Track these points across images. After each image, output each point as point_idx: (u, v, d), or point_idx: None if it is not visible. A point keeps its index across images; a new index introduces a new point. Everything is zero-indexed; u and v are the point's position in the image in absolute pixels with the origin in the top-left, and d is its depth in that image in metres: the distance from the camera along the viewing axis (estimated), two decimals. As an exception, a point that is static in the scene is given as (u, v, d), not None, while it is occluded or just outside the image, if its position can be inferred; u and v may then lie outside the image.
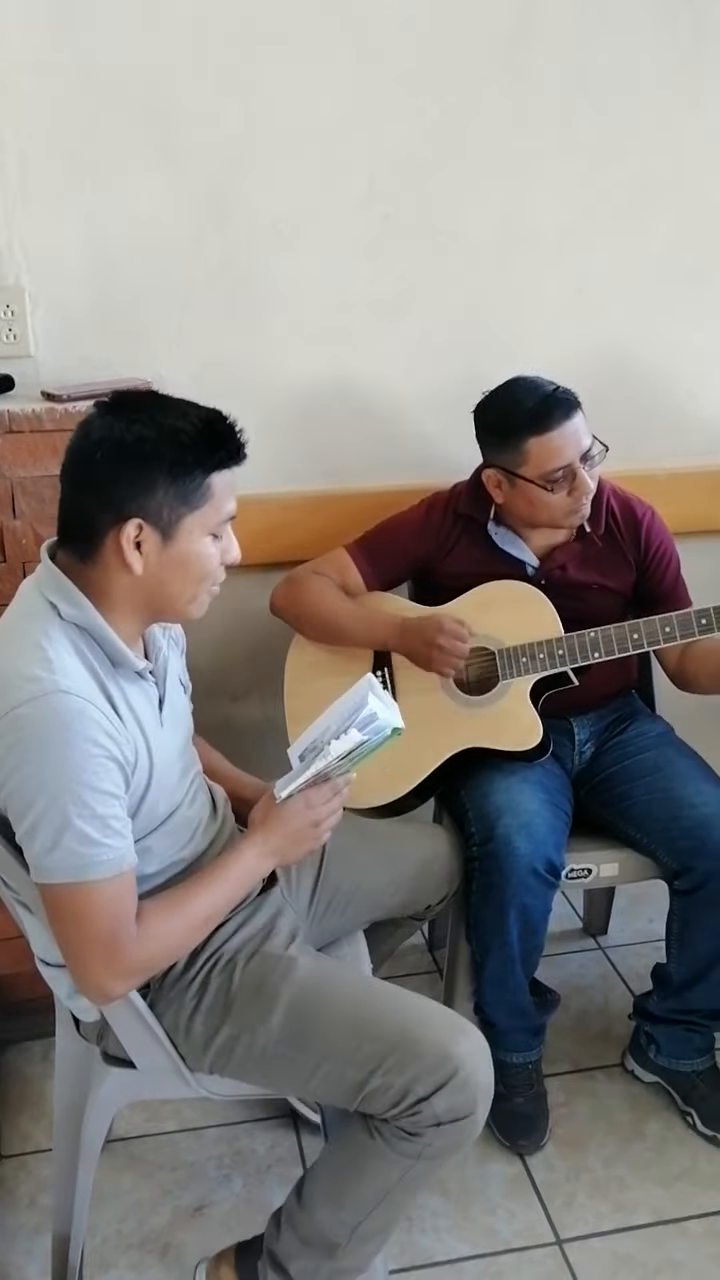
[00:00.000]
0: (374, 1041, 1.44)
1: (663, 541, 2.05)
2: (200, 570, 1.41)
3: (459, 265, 2.17)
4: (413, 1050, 1.43)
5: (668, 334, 2.31)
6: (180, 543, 1.38)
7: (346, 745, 1.42)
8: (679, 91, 2.14)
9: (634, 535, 2.03)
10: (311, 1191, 1.53)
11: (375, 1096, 1.43)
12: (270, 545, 2.16)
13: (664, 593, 2.05)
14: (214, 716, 1.76)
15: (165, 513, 1.36)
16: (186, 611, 1.45)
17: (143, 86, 1.94)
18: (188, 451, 1.35)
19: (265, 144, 2.02)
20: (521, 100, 2.09)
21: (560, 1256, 1.80)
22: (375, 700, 1.44)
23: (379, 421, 2.24)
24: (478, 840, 1.87)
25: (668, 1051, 2.05)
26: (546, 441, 1.86)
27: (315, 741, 1.48)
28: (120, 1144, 1.99)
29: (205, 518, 1.38)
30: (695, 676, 2.03)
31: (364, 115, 2.04)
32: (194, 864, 1.55)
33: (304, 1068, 1.47)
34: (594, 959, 2.47)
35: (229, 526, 1.44)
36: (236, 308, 2.10)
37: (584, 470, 1.88)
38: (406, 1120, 1.43)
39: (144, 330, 2.08)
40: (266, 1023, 1.47)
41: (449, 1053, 1.42)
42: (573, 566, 2.00)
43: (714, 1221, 1.85)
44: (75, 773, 1.30)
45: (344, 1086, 1.45)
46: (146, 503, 1.35)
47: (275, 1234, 1.56)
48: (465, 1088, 1.42)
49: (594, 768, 2.09)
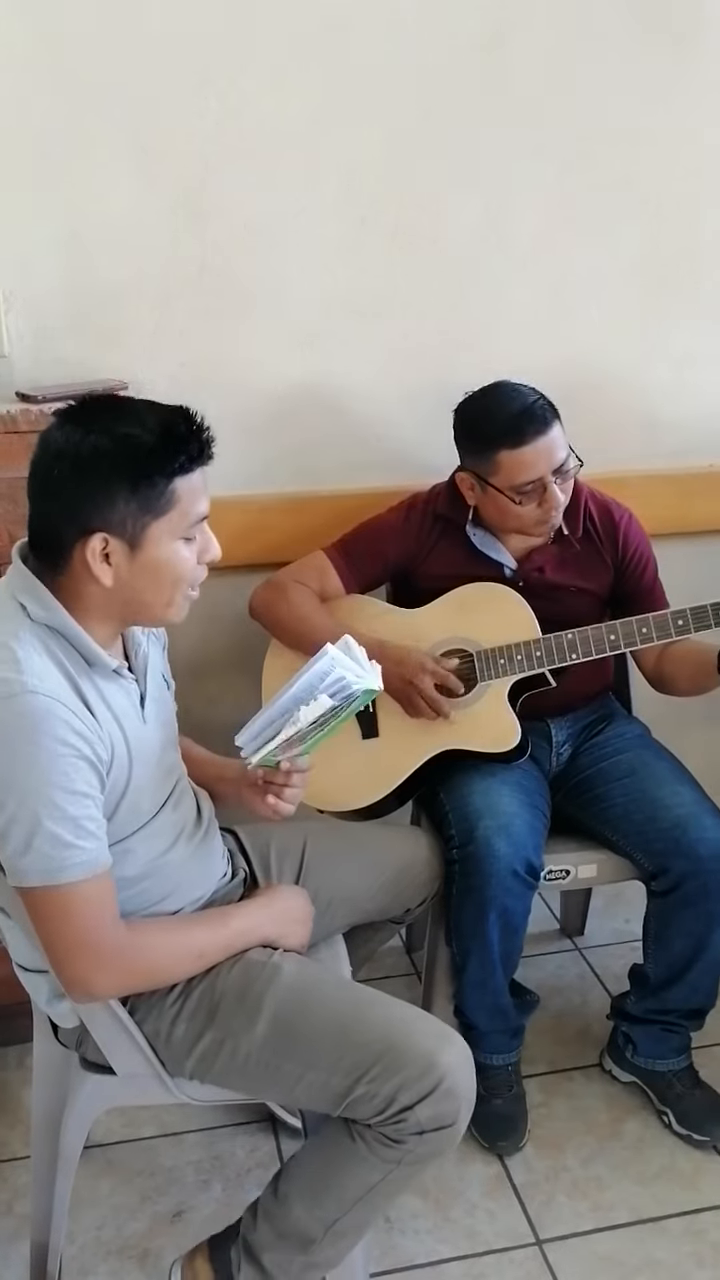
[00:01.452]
0: (359, 1050, 1.43)
1: (640, 544, 2.06)
2: (173, 575, 1.39)
3: (435, 268, 2.17)
4: (398, 1059, 1.42)
5: (641, 337, 2.32)
6: (149, 551, 1.36)
7: (316, 711, 1.41)
8: (653, 97, 2.16)
9: (612, 538, 2.04)
10: (289, 1187, 1.52)
11: (359, 1104, 1.43)
12: (246, 547, 2.15)
13: (641, 595, 2.06)
14: (190, 719, 1.75)
15: (129, 524, 1.34)
16: (164, 616, 1.43)
17: (117, 84, 1.93)
18: (146, 460, 1.33)
19: (241, 145, 2.01)
20: (497, 104, 2.09)
21: (540, 1257, 1.80)
22: (342, 667, 1.42)
23: (355, 424, 2.24)
24: (458, 842, 1.87)
25: (645, 1051, 2.06)
26: (518, 455, 1.86)
27: (268, 724, 1.46)
28: (98, 1150, 1.98)
29: (172, 523, 1.37)
30: (673, 679, 2.04)
31: (340, 117, 2.04)
32: (178, 869, 1.54)
33: (288, 1075, 1.46)
34: (571, 960, 2.48)
35: (205, 525, 1.42)
36: (213, 309, 2.10)
37: (555, 484, 1.88)
38: (390, 1128, 1.42)
39: (120, 331, 2.07)
40: (251, 1030, 1.47)
41: (434, 1062, 1.42)
42: (550, 569, 2.01)
43: (692, 1220, 1.86)
44: (45, 774, 1.30)
45: (328, 1094, 1.44)
46: (109, 515, 1.33)
47: (252, 1224, 1.55)
48: (449, 1097, 1.42)
49: (571, 769, 2.10)
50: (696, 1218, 1.86)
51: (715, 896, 1.90)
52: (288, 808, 1.59)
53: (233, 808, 1.71)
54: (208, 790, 1.71)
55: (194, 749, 1.78)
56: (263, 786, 1.60)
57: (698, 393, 2.39)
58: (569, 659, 1.92)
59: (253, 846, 1.78)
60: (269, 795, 1.58)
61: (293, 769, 1.54)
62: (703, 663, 1.94)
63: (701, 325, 2.34)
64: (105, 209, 2.00)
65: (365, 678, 1.45)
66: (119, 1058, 1.53)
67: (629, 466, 2.34)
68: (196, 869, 1.59)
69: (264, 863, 1.77)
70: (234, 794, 1.69)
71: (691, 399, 2.39)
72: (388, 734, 1.99)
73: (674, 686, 2.06)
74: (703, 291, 2.31)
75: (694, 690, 2.01)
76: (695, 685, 2.00)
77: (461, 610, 1.98)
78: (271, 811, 1.59)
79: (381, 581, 2.10)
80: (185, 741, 1.73)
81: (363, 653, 1.49)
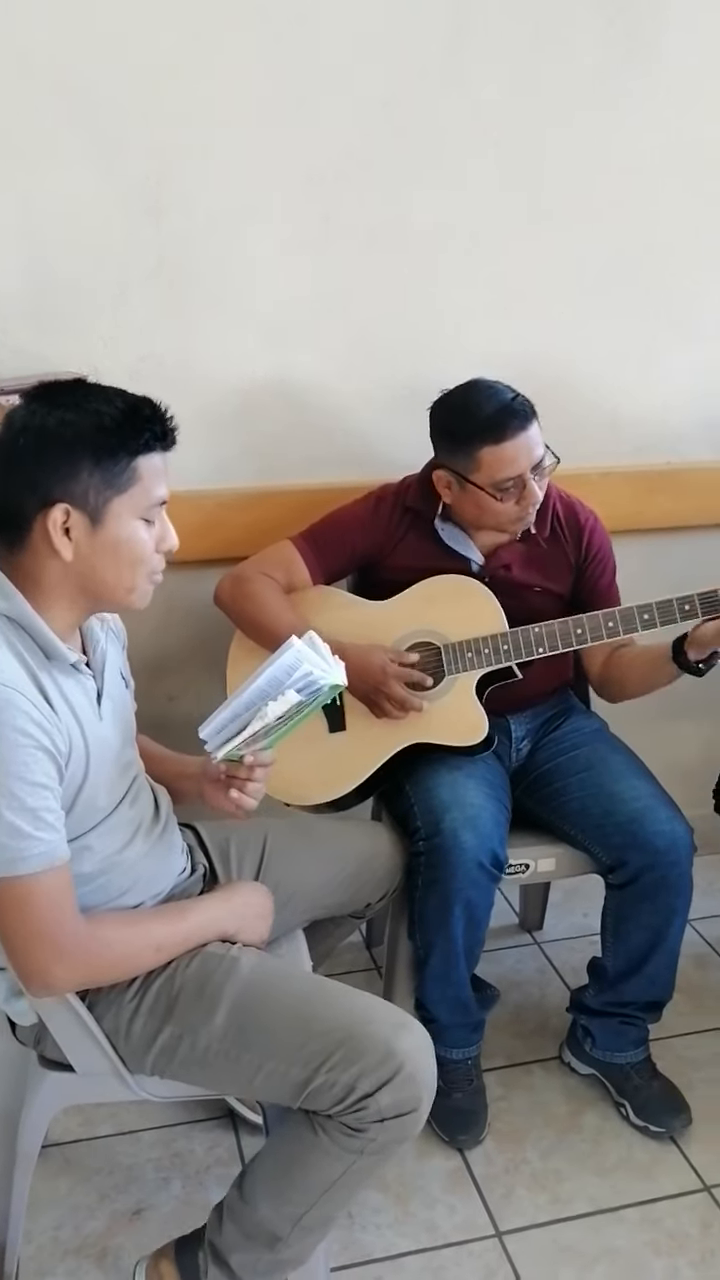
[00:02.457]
0: (318, 1039, 1.44)
1: (603, 547, 2.08)
2: (132, 555, 1.40)
3: (397, 264, 2.17)
4: (357, 1047, 1.42)
5: (602, 336, 2.33)
6: (110, 527, 1.37)
7: (283, 707, 1.41)
8: (611, 98, 2.17)
9: (577, 539, 2.06)
10: (253, 1185, 1.52)
11: (319, 1094, 1.43)
12: (205, 541, 2.14)
13: (597, 596, 2.08)
14: (150, 716, 1.74)
15: (92, 496, 1.35)
16: (127, 601, 1.43)
17: (74, 77, 1.91)
18: (112, 434, 1.35)
19: (202, 137, 2.00)
20: (458, 102, 2.10)
21: (500, 1249, 1.81)
22: (308, 661, 1.42)
23: (316, 418, 2.24)
24: (424, 835, 1.88)
25: (603, 1044, 2.07)
26: (500, 451, 1.86)
27: (233, 718, 1.45)
28: (55, 1149, 1.96)
29: (134, 500, 1.38)
30: (621, 681, 2.06)
31: (302, 111, 2.03)
32: (135, 865, 1.54)
33: (248, 1066, 1.46)
34: (530, 954, 2.49)
35: (163, 513, 1.43)
36: (173, 303, 2.08)
37: (534, 480, 1.89)
38: (351, 1116, 1.43)
39: (79, 324, 2.05)
40: (209, 1022, 1.46)
41: (393, 1049, 1.42)
42: (516, 567, 2.02)
43: (649, 1209, 1.88)
44: (4, 764, 1.29)
45: (288, 1084, 1.44)
46: (72, 487, 1.34)
47: (217, 1226, 1.54)
48: (409, 1083, 1.43)
49: (530, 764, 2.11)
50: (653, 1207, 1.88)
51: (672, 889, 1.92)
52: (251, 802, 1.58)
53: (194, 804, 1.71)
54: (168, 787, 1.70)
55: (153, 747, 1.77)
56: (225, 781, 1.59)
57: (658, 391, 2.41)
58: (536, 653, 1.93)
59: (212, 842, 1.78)
60: (232, 790, 1.58)
61: (256, 763, 1.54)
62: (654, 658, 1.96)
63: (662, 324, 2.36)
64: (63, 201, 1.97)
65: (331, 672, 1.45)
66: (78, 1055, 1.52)
67: (589, 464, 2.35)
68: (155, 865, 1.58)
69: (224, 858, 1.77)
70: (195, 790, 1.68)
71: (652, 397, 2.41)
72: (355, 728, 1.99)
73: (622, 689, 2.08)
74: (663, 291, 2.33)
75: (643, 689, 2.03)
76: (646, 683, 2.02)
77: (428, 603, 1.98)
78: (235, 806, 1.59)
79: (348, 572, 2.10)
80: (144, 740, 1.72)
81: (326, 649, 1.49)
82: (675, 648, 1.90)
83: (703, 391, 2.43)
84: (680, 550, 2.47)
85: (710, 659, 1.89)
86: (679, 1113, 2.01)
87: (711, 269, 2.35)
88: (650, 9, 2.12)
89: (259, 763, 1.54)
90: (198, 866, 1.71)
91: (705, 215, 2.30)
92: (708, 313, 2.38)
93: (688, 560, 2.36)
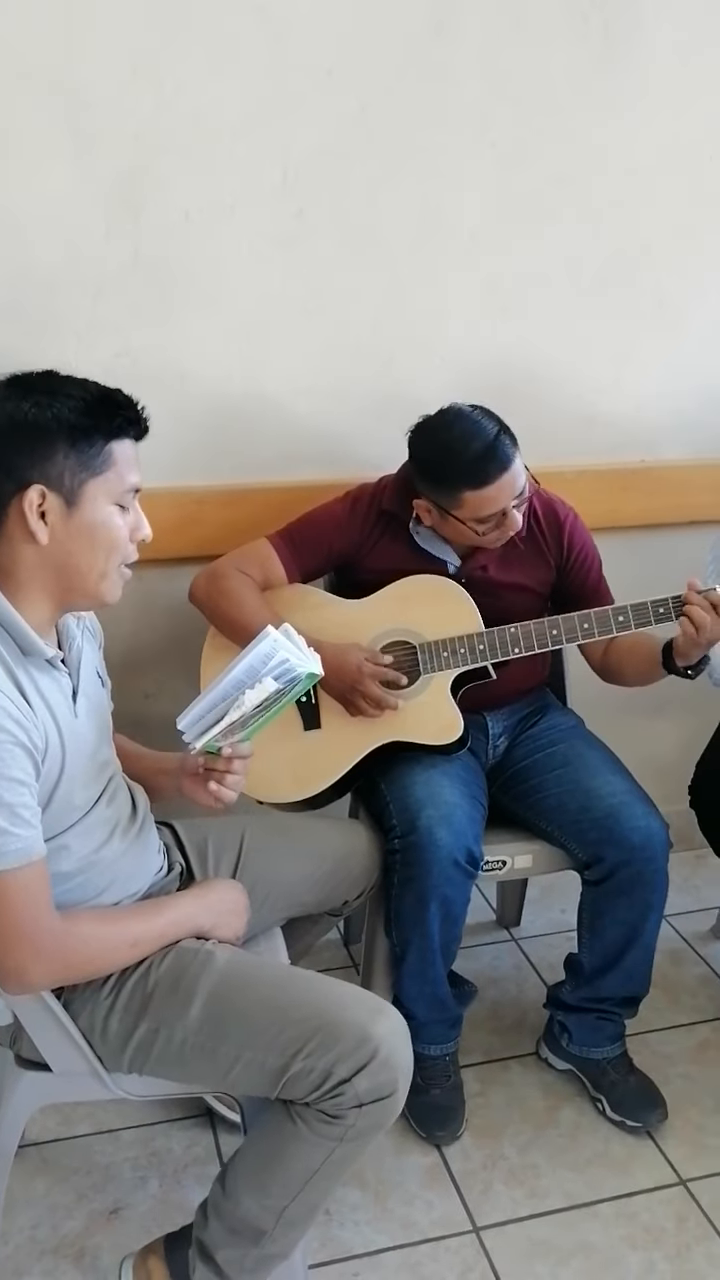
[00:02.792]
0: (294, 1026, 1.44)
1: (585, 543, 2.08)
2: (108, 540, 1.40)
3: (373, 262, 2.17)
4: (333, 1033, 1.43)
5: (578, 334, 2.34)
6: (85, 510, 1.38)
7: (261, 695, 1.41)
8: (590, 94, 2.18)
9: (556, 537, 2.06)
10: (235, 1180, 1.52)
11: (296, 1081, 1.43)
12: (181, 538, 2.14)
13: (587, 593, 2.08)
14: (127, 714, 1.74)
15: (67, 478, 1.36)
16: (99, 590, 1.43)
17: (49, 70, 1.90)
18: (86, 417, 1.37)
19: (178, 134, 1.99)
20: (437, 99, 2.10)
21: (477, 1244, 1.82)
22: (284, 649, 1.43)
23: (291, 416, 2.23)
24: (399, 832, 1.88)
25: (579, 1040, 2.08)
26: (482, 494, 1.85)
27: (210, 708, 1.45)
28: (33, 1149, 1.95)
29: (109, 484, 1.39)
30: (619, 670, 2.07)
31: (279, 108, 2.03)
32: (113, 864, 1.53)
33: (224, 1058, 1.46)
34: (508, 950, 2.50)
35: (136, 502, 1.44)
36: (149, 299, 2.07)
37: (515, 510, 1.89)
38: (328, 1103, 1.43)
39: (53, 320, 2.04)
40: (185, 1016, 1.46)
41: (369, 1033, 1.43)
42: (494, 567, 2.02)
43: (624, 1204, 1.89)
44: None
45: (265, 1074, 1.45)
46: (48, 469, 1.35)
47: (203, 1223, 1.55)
48: (386, 1067, 1.43)
49: (507, 761, 2.12)
50: (629, 1201, 1.89)
51: (648, 885, 1.93)
52: (230, 795, 1.58)
53: (171, 800, 1.71)
54: (146, 784, 1.70)
55: (130, 744, 1.77)
56: (203, 775, 1.59)
57: (633, 390, 2.42)
58: (511, 653, 1.94)
59: (190, 840, 1.78)
60: (210, 783, 1.58)
61: (235, 755, 1.54)
62: (648, 655, 1.96)
63: (637, 324, 2.37)
64: (37, 197, 1.96)
65: (307, 661, 1.45)
66: (55, 1054, 1.52)
67: (564, 461, 2.36)
68: (132, 864, 1.58)
69: (201, 856, 1.76)
70: (173, 786, 1.68)
71: (626, 396, 2.42)
72: (330, 726, 1.99)
73: (621, 678, 2.08)
74: (638, 290, 2.34)
75: (640, 681, 2.04)
76: (641, 677, 2.03)
77: (405, 602, 1.98)
78: (214, 800, 1.59)
79: (325, 571, 2.10)
80: (121, 738, 1.72)
81: (302, 640, 1.49)
82: (665, 653, 1.91)
83: (676, 390, 2.45)
84: (654, 548, 2.48)
85: (699, 665, 1.89)
86: (655, 1107, 2.02)
87: (687, 270, 2.36)
88: (625, 6, 2.13)
89: (237, 754, 1.54)
90: (174, 865, 1.71)
91: (682, 217, 2.31)
92: (682, 313, 2.39)
93: (662, 558, 2.36)
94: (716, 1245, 1.81)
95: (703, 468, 2.49)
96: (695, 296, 2.39)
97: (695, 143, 2.27)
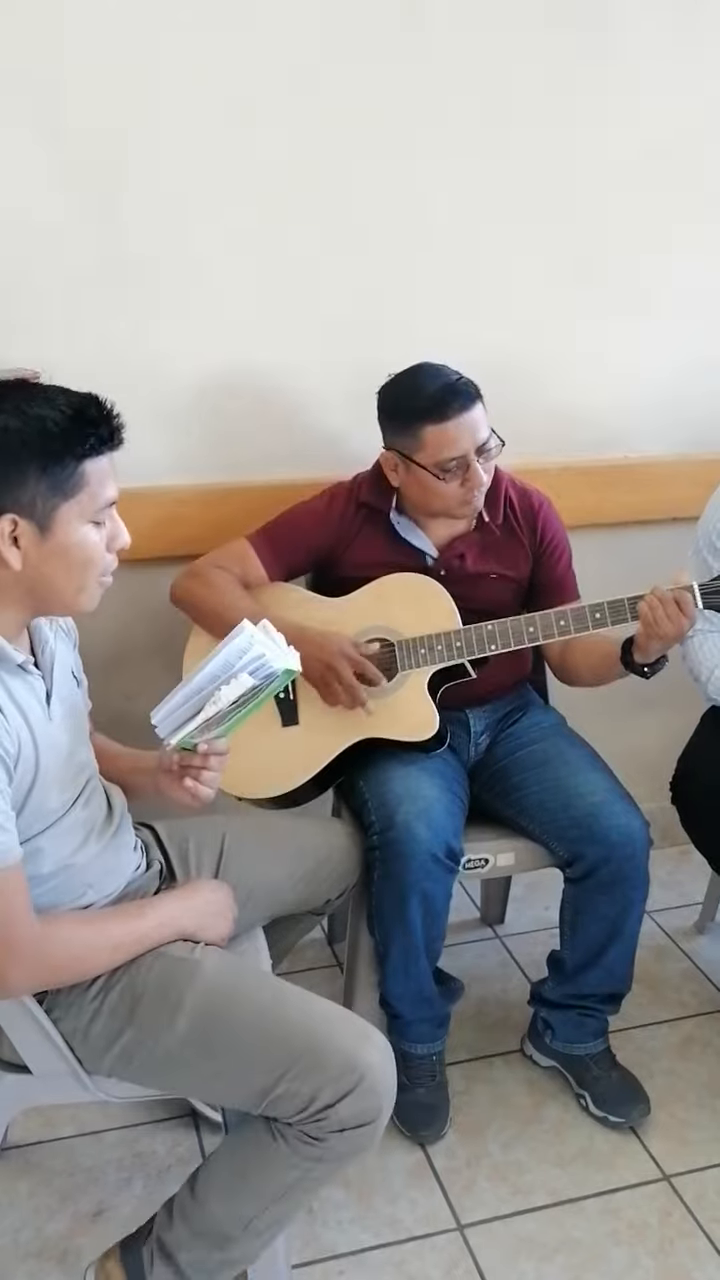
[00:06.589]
0: (280, 1048, 1.43)
1: (556, 531, 2.09)
2: (83, 559, 1.38)
3: (356, 257, 2.17)
4: (319, 1058, 1.42)
5: (561, 331, 2.35)
6: (58, 534, 1.35)
7: (237, 690, 1.40)
8: (572, 90, 2.18)
9: (531, 524, 2.07)
10: (207, 1184, 1.51)
11: (280, 1103, 1.42)
12: (164, 538, 2.13)
13: (554, 582, 2.09)
14: (107, 714, 1.73)
15: (39, 504, 1.33)
16: (76, 603, 1.41)
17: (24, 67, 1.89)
18: (56, 440, 1.32)
19: (156, 126, 1.99)
20: (419, 91, 2.10)
21: (461, 1241, 1.82)
22: (260, 644, 1.41)
23: (275, 413, 2.23)
24: (378, 828, 1.88)
25: (563, 1036, 2.08)
26: (442, 430, 1.88)
27: (184, 701, 1.44)
28: (15, 1151, 1.95)
29: (82, 506, 1.36)
30: (575, 669, 2.07)
31: (260, 100, 2.02)
32: (88, 866, 1.53)
33: (208, 1073, 1.46)
34: (492, 948, 2.50)
35: (114, 511, 1.41)
36: (128, 295, 2.07)
37: (478, 463, 1.90)
38: (311, 1126, 1.42)
39: (34, 317, 2.03)
40: (171, 1028, 1.45)
41: (355, 1061, 1.42)
42: (471, 556, 2.03)
43: (609, 1200, 1.89)
44: None
45: (249, 1092, 1.44)
46: (19, 495, 1.32)
47: (167, 1222, 1.53)
48: (370, 1095, 1.42)
49: (488, 759, 2.12)
50: (613, 1197, 1.89)
51: (628, 882, 1.93)
52: (207, 791, 1.56)
53: (149, 799, 1.69)
54: (123, 784, 1.69)
55: (108, 744, 1.76)
56: (179, 771, 1.57)
57: (613, 386, 2.42)
58: (489, 650, 1.94)
59: (170, 841, 1.77)
60: (187, 779, 1.55)
61: (211, 751, 1.52)
62: (605, 655, 1.97)
63: (617, 321, 2.37)
64: (12, 190, 1.95)
65: (284, 657, 1.44)
66: (35, 1057, 1.51)
67: (546, 458, 2.36)
68: (108, 865, 1.57)
69: (182, 857, 1.76)
70: (151, 784, 1.67)
71: (607, 392, 2.43)
72: (308, 722, 1.99)
73: (577, 677, 2.09)
74: (618, 287, 2.35)
75: (595, 681, 2.05)
76: (597, 677, 2.03)
77: (383, 600, 1.98)
78: (190, 796, 1.56)
79: (305, 570, 2.10)
80: (99, 738, 1.71)
81: (281, 637, 1.48)
82: (624, 649, 1.91)
83: (657, 387, 2.45)
84: (636, 544, 2.49)
85: (656, 664, 1.90)
86: (638, 1103, 2.03)
87: (668, 268, 2.37)
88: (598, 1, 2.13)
89: (214, 751, 1.52)
90: (153, 863, 1.70)
91: (661, 215, 2.32)
92: (664, 311, 2.40)
93: (644, 554, 2.36)
94: (700, 1240, 1.82)
95: (684, 464, 2.50)
96: (676, 293, 2.39)
97: (674, 136, 2.27)
